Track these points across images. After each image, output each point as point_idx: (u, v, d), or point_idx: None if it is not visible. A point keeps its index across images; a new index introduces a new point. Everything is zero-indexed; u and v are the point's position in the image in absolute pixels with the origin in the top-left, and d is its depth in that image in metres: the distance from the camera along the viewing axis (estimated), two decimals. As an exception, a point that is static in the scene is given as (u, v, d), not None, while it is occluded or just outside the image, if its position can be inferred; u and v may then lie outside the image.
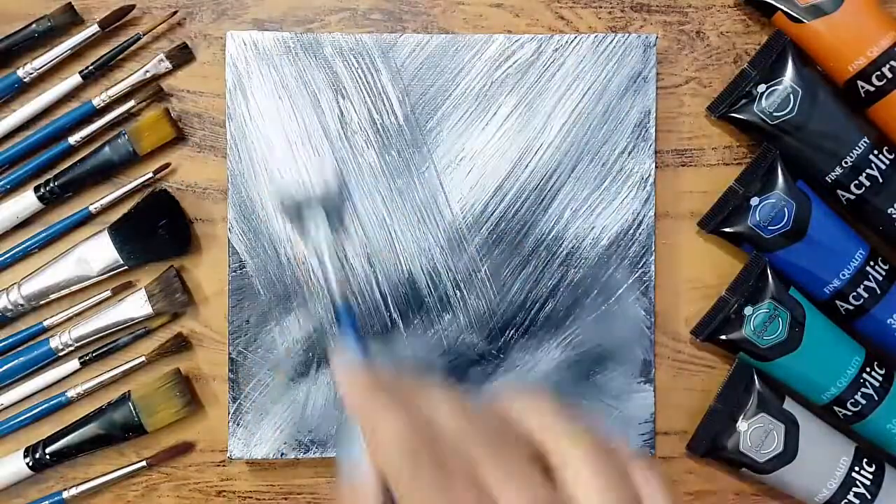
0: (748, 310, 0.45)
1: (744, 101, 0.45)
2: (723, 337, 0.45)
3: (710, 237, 0.47)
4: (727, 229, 0.46)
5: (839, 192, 0.45)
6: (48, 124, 0.45)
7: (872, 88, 0.44)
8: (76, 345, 0.45)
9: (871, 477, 0.45)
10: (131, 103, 0.45)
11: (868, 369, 0.45)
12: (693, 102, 0.47)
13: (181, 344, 0.46)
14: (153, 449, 0.46)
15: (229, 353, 0.44)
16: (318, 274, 0.44)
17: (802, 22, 0.45)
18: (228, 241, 0.44)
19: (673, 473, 0.48)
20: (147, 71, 0.45)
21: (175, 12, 0.46)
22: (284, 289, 0.44)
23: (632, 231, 0.45)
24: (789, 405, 0.45)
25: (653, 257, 0.45)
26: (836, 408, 0.45)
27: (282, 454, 0.44)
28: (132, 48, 0.46)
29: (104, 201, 0.45)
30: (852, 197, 0.45)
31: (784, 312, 0.44)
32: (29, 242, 0.46)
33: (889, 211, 0.45)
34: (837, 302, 0.46)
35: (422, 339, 0.45)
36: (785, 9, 0.45)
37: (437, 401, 0.25)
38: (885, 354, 0.46)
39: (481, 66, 0.45)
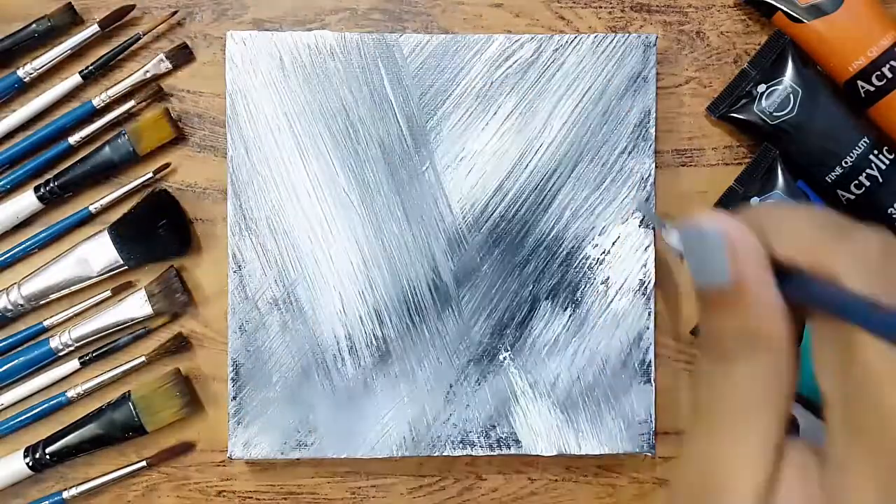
0: (748, 310, 0.45)
1: (744, 101, 0.45)
2: (723, 337, 0.45)
3: (710, 237, 0.47)
4: (727, 229, 0.46)
5: (839, 192, 0.45)
6: (48, 124, 0.45)
7: (872, 88, 0.44)
8: (76, 345, 0.45)
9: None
10: (131, 103, 0.45)
11: (868, 369, 0.45)
12: (693, 102, 0.47)
13: (181, 344, 0.46)
14: (153, 449, 0.46)
15: (229, 354, 0.44)
16: None
17: (802, 22, 0.45)
18: (228, 241, 0.44)
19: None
20: (147, 71, 0.45)
21: (175, 12, 0.46)
22: (285, 288, 0.44)
23: (632, 231, 0.45)
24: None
25: (653, 257, 0.45)
26: (836, 408, 0.45)
27: (282, 454, 0.44)
28: (132, 48, 0.46)
29: (104, 201, 0.45)
30: (852, 197, 0.45)
31: (784, 312, 0.44)
32: (29, 242, 0.46)
33: (889, 211, 0.45)
34: (837, 302, 0.46)
35: (422, 338, 0.45)
36: (785, 9, 0.45)
37: None
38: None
39: (481, 66, 0.45)
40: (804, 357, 0.23)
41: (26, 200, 0.45)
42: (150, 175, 0.45)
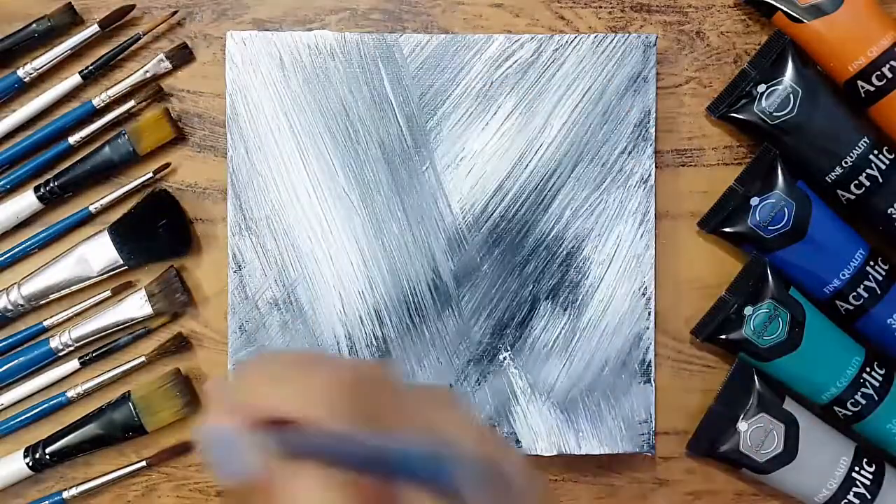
0: (748, 310, 0.45)
1: (744, 101, 0.45)
2: (723, 337, 0.45)
3: (710, 237, 0.47)
4: (727, 229, 0.46)
5: (839, 192, 0.45)
6: (48, 124, 0.45)
7: (872, 88, 0.44)
8: (76, 345, 0.45)
9: (871, 477, 0.45)
10: (131, 103, 0.45)
11: (868, 369, 0.45)
12: (693, 102, 0.47)
13: (181, 344, 0.46)
14: (153, 449, 0.46)
15: (229, 354, 0.44)
16: None
17: (802, 22, 0.45)
18: (228, 241, 0.44)
19: (673, 473, 0.48)
20: (147, 71, 0.45)
21: (175, 12, 0.46)
22: (285, 288, 0.44)
23: (632, 231, 0.45)
24: (789, 405, 0.45)
25: (653, 257, 0.45)
26: (836, 408, 0.45)
27: (282, 454, 0.44)
28: (132, 48, 0.46)
29: (104, 201, 0.45)
30: (852, 197, 0.45)
31: (784, 312, 0.44)
32: (29, 242, 0.46)
33: (889, 211, 0.45)
34: (837, 302, 0.46)
35: (422, 338, 0.45)
36: (785, 9, 0.45)
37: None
38: (885, 354, 0.46)
39: (481, 66, 0.45)
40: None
41: (26, 200, 0.45)
42: (150, 175, 0.45)
